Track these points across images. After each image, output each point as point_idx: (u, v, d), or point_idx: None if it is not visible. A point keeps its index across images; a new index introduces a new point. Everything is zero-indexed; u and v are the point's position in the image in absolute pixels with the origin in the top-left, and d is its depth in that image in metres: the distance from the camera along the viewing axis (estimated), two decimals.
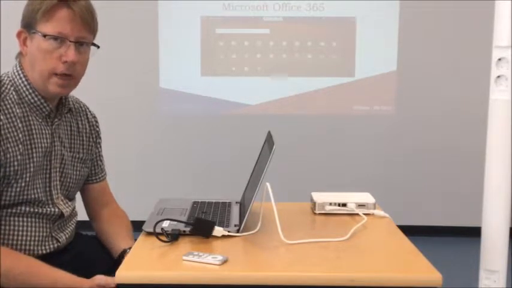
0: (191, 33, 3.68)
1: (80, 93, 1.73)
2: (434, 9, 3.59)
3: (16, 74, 1.51)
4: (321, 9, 3.65)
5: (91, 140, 1.69)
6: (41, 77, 1.47)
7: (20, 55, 1.53)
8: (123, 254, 1.57)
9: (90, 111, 1.72)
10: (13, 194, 1.45)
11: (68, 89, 1.51)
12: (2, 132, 1.42)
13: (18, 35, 1.49)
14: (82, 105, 1.70)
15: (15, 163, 1.44)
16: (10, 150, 1.43)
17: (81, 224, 1.71)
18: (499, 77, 1.46)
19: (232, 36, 3.70)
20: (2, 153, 1.41)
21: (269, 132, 1.59)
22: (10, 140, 1.43)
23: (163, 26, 3.68)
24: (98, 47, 1.54)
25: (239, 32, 3.70)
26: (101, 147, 1.75)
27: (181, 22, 3.68)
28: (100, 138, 1.75)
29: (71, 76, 1.48)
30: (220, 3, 3.65)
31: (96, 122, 1.73)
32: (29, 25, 1.47)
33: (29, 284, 1.40)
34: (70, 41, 1.45)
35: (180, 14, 3.67)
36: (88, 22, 1.48)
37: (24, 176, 1.45)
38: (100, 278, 1.41)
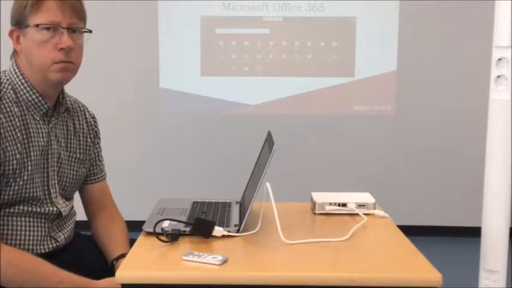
0: (191, 33, 3.68)
1: (80, 93, 1.74)
2: (434, 9, 3.59)
3: (13, 72, 1.51)
4: (321, 9, 3.65)
5: (89, 140, 1.68)
6: (40, 69, 1.47)
7: (14, 54, 1.53)
8: (115, 260, 1.57)
9: (88, 111, 1.72)
10: (12, 192, 1.45)
11: (68, 74, 1.51)
12: (1, 131, 1.42)
13: (10, 34, 1.50)
14: (80, 105, 1.70)
15: (14, 161, 1.44)
16: (9, 148, 1.43)
17: (80, 224, 1.71)
18: (499, 77, 1.46)
19: (232, 36, 3.70)
20: (1, 152, 1.41)
21: (269, 132, 1.59)
22: (9, 138, 1.43)
23: (163, 26, 3.68)
24: (91, 31, 1.54)
25: (239, 32, 3.69)
26: (100, 147, 1.75)
27: (181, 22, 3.68)
28: (99, 138, 1.74)
29: (70, 62, 1.49)
30: (220, 3, 3.65)
31: (95, 121, 1.73)
32: (19, 22, 1.47)
33: (33, 283, 1.39)
34: (63, 28, 1.46)
35: (180, 14, 3.67)
36: (77, 8, 1.49)
37: (22, 174, 1.45)
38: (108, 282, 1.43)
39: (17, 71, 1.50)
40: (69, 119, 1.63)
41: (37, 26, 1.44)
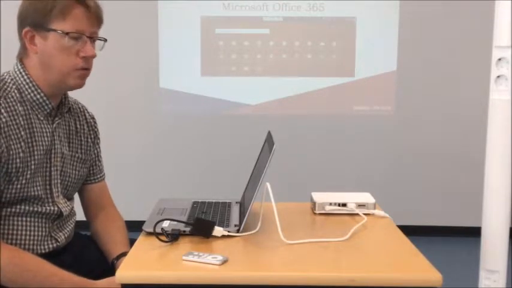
0: (191, 33, 3.68)
1: (80, 92, 1.73)
2: (434, 9, 3.59)
3: (18, 72, 1.51)
4: (321, 9, 3.65)
5: (89, 140, 1.69)
6: (60, 74, 1.49)
7: (22, 54, 1.52)
8: (116, 259, 1.58)
9: (88, 112, 1.73)
10: (14, 191, 1.45)
11: (85, 81, 1.55)
12: (5, 129, 1.42)
13: (25, 34, 1.48)
14: (80, 106, 1.71)
15: (17, 160, 1.44)
16: (13, 147, 1.43)
17: (80, 224, 1.71)
18: (499, 77, 1.46)
19: (232, 36, 3.70)
20: (5, 150, 1.42)
21: (269, 132, 1.59)
22: (12, 137, 1.43)
23: (163, 26, 3.68)
24: (106, 40, 1.57)
25: (239, 32, 3.70)
26: (99, 147, 1.75)
27: (181, 22, 3.68)
28: (99, 138, 1.75)
29: (87, 69, 1.53)
30: (220, 3, 3.66)
31: (95, 122, 1.74)
32: (38, 24, 1.46)
33: (33, 283, 1.40)
34: (87, 37, 1.48)
35: (180, 14, 3.68)
36: (100, 17, 1.53)
37: (25, 173, 1.46)
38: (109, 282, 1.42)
39: (21, 71, 1.50)
40: (71, 119, 1.64)
41: (66, 34, 1.45)
